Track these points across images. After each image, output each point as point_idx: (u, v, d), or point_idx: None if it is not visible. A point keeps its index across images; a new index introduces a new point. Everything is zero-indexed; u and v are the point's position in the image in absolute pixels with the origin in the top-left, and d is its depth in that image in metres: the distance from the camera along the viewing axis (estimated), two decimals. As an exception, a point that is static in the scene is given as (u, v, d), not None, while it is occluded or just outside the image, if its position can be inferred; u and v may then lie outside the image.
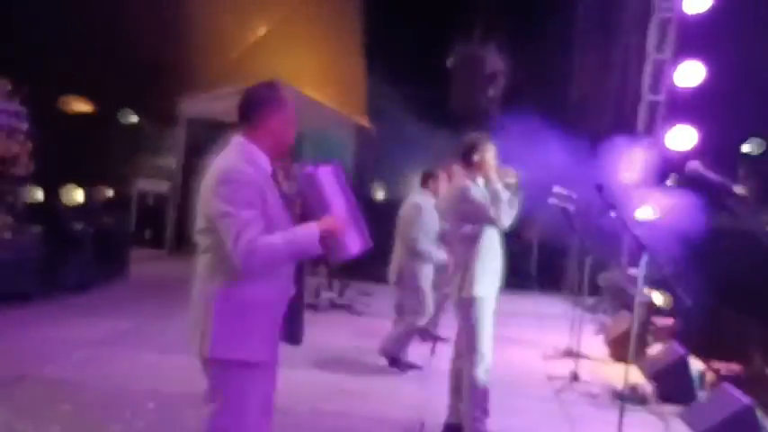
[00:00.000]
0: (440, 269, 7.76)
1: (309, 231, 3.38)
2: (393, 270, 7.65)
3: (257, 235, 3.25)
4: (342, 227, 3.48)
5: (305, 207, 3.55)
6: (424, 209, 7.47)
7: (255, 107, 3.52)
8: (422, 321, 7.54)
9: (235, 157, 3.43)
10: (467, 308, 5.47)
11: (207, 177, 3.44)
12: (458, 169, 5.71)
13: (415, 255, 7.43)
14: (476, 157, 5.52)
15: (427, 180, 7.70)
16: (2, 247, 8.02)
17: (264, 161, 3.48)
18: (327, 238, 3.43)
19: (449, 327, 8.67)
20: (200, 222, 3.49)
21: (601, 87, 14.33)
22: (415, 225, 7.39)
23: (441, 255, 7.45)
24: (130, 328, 8.01)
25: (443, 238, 7.64)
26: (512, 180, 5.64)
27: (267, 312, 3.45)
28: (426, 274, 7.52)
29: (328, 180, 3.55)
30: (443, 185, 7.57)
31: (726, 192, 3.96)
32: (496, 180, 5.47)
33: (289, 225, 3.45)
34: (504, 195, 5.43)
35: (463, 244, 5.50)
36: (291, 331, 3.71)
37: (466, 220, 5.49)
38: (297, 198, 3.61)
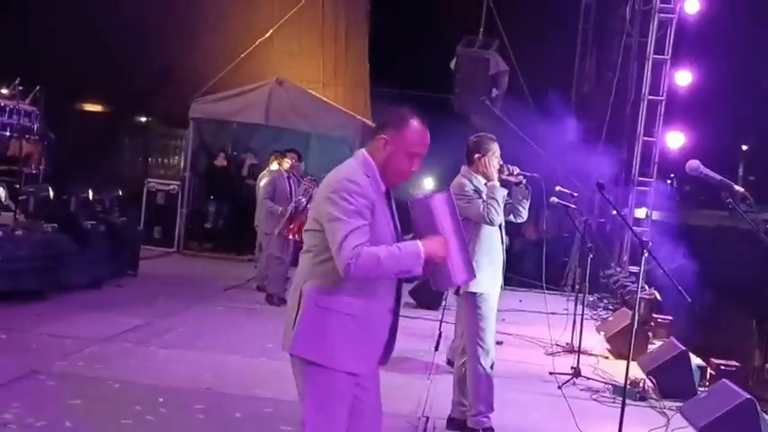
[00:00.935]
0: None
1: (414, 248, 3.38)
2: None
3: (363, 243, 3.29)
4: (447, 251, 3.46)
5: (417, 233, 3.54)
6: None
7: (381, 124, 3.58)
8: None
9: (353, 168, 3.48)
10: (469, 303, 5.59)
11: (324, 182, 3.51)
12: (463, 168, 5.83)
13: None
14: (476, 156, 5.67)
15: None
16: (15, 244, 8.11)
17: (379, 179, 3.50)
18: (432, 261, 3.43)
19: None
20: (309, 223, 3.55)
21: (601, 87, 14.41)
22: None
23: None
24: (141, 325, 8.10)
25: None
26: (518, 178, 5.76)
27: (354, 323, 3.44)
28: None
29: (441, 208, 3.53)
30: None
31: (726, 190, 4.03)
32: (494, 178, 5.60)
33: (392, 243, 3.45)
34: (500, 193, 5.55)
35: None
36: (385, 351, 3.68)
37: (459, 215, 5.59)
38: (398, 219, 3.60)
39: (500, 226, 5.69)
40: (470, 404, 5.65)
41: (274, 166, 10.52)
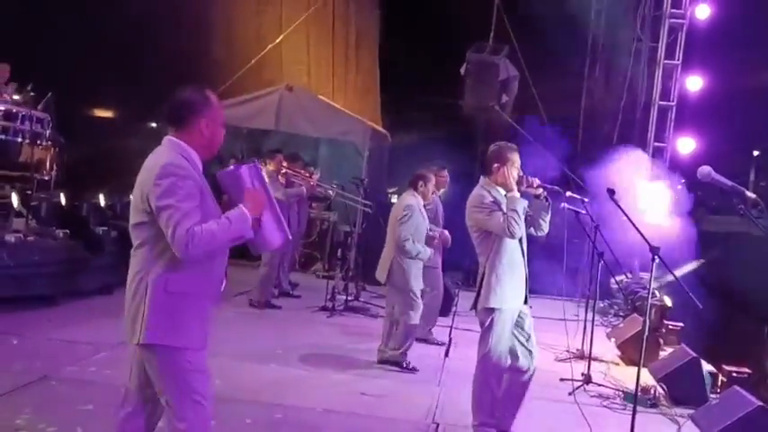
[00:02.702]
0: (428, 269, 8.08)
1: (239, 213, 3.60)
2: (382, 269, 7.77)
3: (196, 224, 3.44)
4: (264, 204, 3.72)
5: (230, 203, 3.74)
6: (414, 210, 7.61)
7: (188, 113, 3.71)
8: (414, 320, 7.65)
9: (171, 154, 3.61)
10: (484, 318, 5.58)
11: (144, 174, 3.60)
12: (481, 179, 5.79)
13: (404, 254, 7.56)
14: (495, 166, 5.61)
15: (417, 182, 7.84)
16: (27, 250, 8.15)
17: (196, 159, 3.68)
18: (255, 223, 3.68)
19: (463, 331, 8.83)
20: (135, 217, 3.64)
21: (612, 93, 14.39)
22: (405, 225, 7.52)
23: (429, 252, 7.67)
24: (151, 331, 8.12)
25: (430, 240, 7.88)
26: (537, 190, 5.71)
27: (200, 299, 3.65)
28: (416, 274, 7.66)
29: (249, 177, 3.78)
30: (431, 189, 7.88)
31: (738, 196, 4.03)
32: (514, 188, 5.54)
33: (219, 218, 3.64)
34: (521, 204, 5.47)
35: (482, 254, 5.59)
36: None
37: (480, 229, 5.58)
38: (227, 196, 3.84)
39: (520, 240, 5.59)
40: (476, 415, 5.66)
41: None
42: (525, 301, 5.69)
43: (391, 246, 7.69)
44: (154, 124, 16.07)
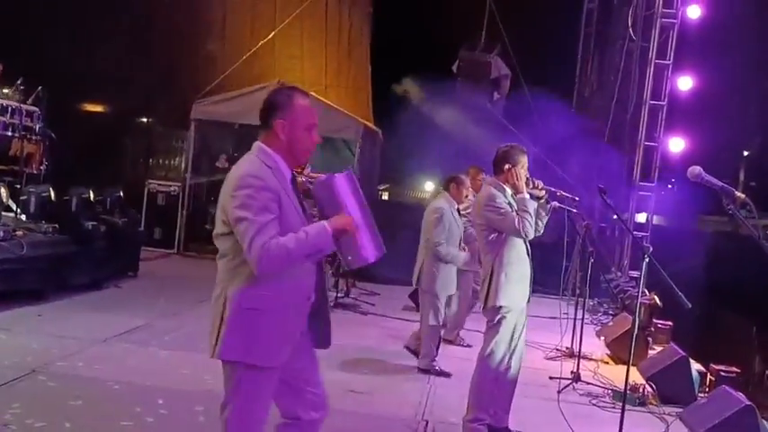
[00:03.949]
0: (462, 271, 8.00)
1: (320, 229, 3.41)
2: (416, 270, 7.76)
3: (271, 238, 3.31)
4: (354, 226, 3.50)
5: (322, 214, 3.57)
6: (446, 213, 7.57)
7: (267, 113, 3.56)
8: (433, 321, 7.64)
9: (253, 163, 3.48)
10: (492, 316, 5.64)
11: (226, 183, 3.50)
12: (488, 178, 5.81)
13: (437, 258, 7.53)
14: (506, 167, 5.64)
15: (449, 184, 7.80)
16: (15, 244, 8.11)
17: (283, 166, 3.53)
18: (342, 240, 3.47)
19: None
20: (218, 227, 3.53)
21: (603, 92, 14.43)
22: (438, 228, 7.48)
23: (463, 257, 7.62)
24: (141, 326, 8.11)
25: (466, 241, 7.83)
26: (540, 192, 5.76)
27: (281, 317, 3.49)
28: (445, 278, 7.60)
29: (343, 187, 3.58)
30: (463, 191, 7.76)
31: (727, 197, 4.03)
32: (524, 190, 5.59)
33: None
34: (531, 205, 5.53)
35: (490, 253, 5.63)
36: (319, 336, 3.73)
37: (491, 229, 5.61)
38: (314, 208, 3.66)
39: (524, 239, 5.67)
40: (471, 409, 5.66)
41: None
42: (527, 300, 5.77)
43: (422, 248, 7.68)
44: (144, 119, 16.04)
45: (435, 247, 7.46)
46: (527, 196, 5.56)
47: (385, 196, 17.34)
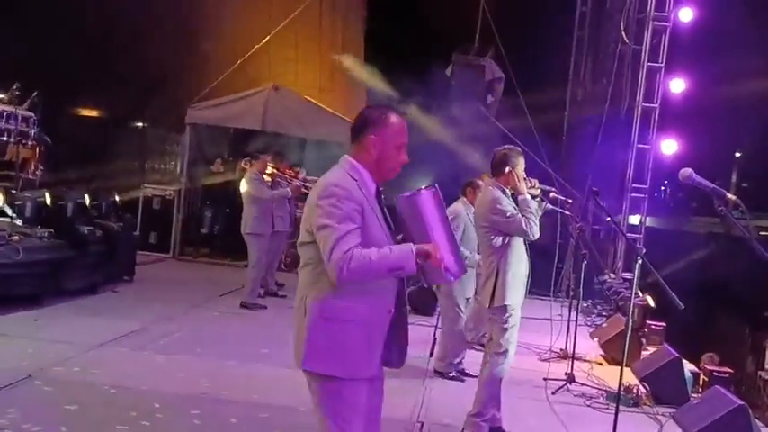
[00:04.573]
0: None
1: (405, 251, 3.38)
2: None
3: (353, 247, 3.30)
4: (439, 252, 3.45)
5: (404, 230, 3.56)
6: (463, 216, 7.62)
7: (360, 127, 3.58)
8: (460, 325, 7.68)
9: (339, 174, 3.51)
10: (500, 315, 5.72)
11: (311, 193, 3.52)
12: (487, 180, 5.87)
13: None
14: (506, 169, 5.71)
15: (466, 189, 7.86)
16: (11, 249, 8.13)
17: (369, 180, 3.54)
18: (422, 258, 3.43)
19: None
20: (302, 236, 3.54)
21: (596, 95, 14.48)
22: (457, 233, 7.51)
23: (477, 259, 7.68)
24: (137, 330, 8.12)
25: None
26: (536, 191, 5.84)
27: (362, 328, 3.46)
28: (463, 282, 7.60)
29: (427, 204, 3.55)
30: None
31: (718, 198, 4.07)
32: (525, 191, 5.68)
33: (387, 244, 3.45)
34: (533, 206, 5.65)
35: (494, 254, 5.71)
36: (393, 353, 3.61)
37: (497, 231, 5.67)
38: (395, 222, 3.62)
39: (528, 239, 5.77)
40: (478, 405, 5.75)
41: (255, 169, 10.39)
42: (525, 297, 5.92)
43: None
44: (139, 124, 16.07)
45: None
46: (528, 197, 5.68)
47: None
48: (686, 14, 11.93)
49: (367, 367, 3.50)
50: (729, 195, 4.12)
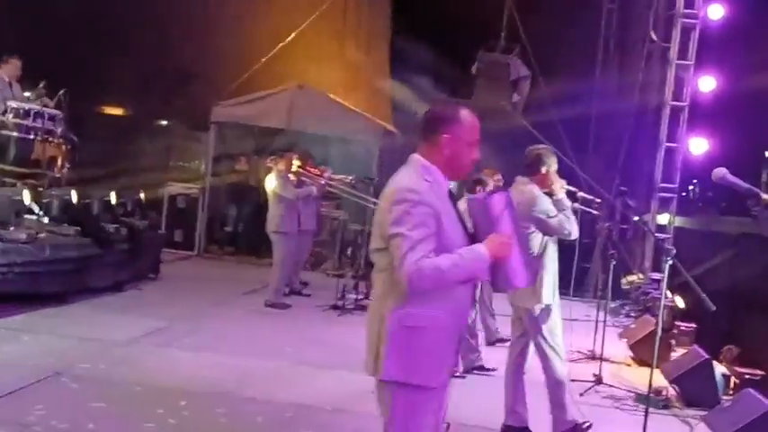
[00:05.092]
0: None
1: (478, 255, 3.32)
2: None
3: (425, 256, 3.22)
4: (509, 249, 3.40)
5: (477, 233, 3.47)
6: None
7: (432, 125, 3.49)
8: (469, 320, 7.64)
9: (411, 176, 3.41)
10: (544, 316, 5.71)
11: (383, 196, 3.45)
12: (521, 179, 5.82)
13: None
14: (543, 169, 5.67)
15: (475, 187, 7.80)
16: (38, 247, 8.17)
17: (441, 180, 3.45)
18: (495, 264, 3.38)
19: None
20: (375, 242, 3.46)
21: (623, 93, 14.35)
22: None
23: None
24: (162, 328, 8.14)
25: None
26: (561, 192, 5.81)
27: (440, 336, 3.38)
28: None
29: (500, 208, 3.47)
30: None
31: (752, 198, 4.01)
32: (561, 192, 5.67)
33: (464, 245, 3.37)
34: (569, 205, 5.66)
35: (535, 254, 5.67)
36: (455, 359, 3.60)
37: (537, 230, 5.65)
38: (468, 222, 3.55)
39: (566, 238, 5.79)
40: (561, 402, 5.78)
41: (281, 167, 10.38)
42: None
43: None
44: (164, 122, 16.12)
45: None
46: (562, 197, 5.67)
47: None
48: (716, 11, 11.78)
49: (441, 375, 3.42)
50: (764, 195, 4.04)
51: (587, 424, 5.88)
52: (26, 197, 8.78)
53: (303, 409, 6.02)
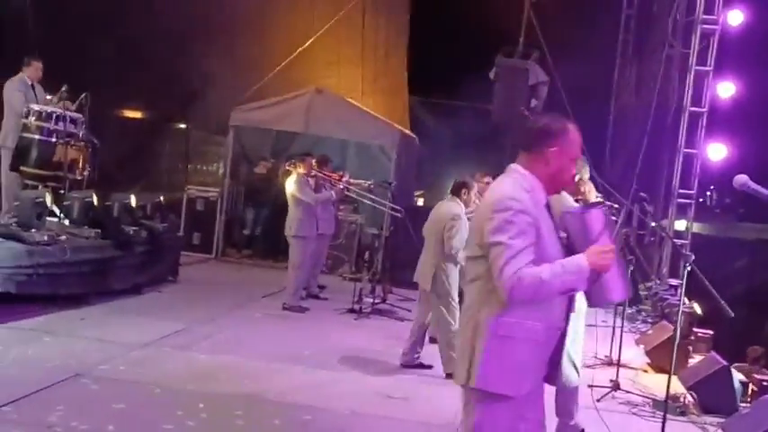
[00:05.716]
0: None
1: (579, 265, 3.28)
2: (425, 276, 7.69)
3: (525, 265, 3.21)
4: (610, 264, 3.33)
5: (572, 247, 3.46)
6: (462, 218, 7.59)
7: (540, 138, 3.48)
8: (455, 326, 7.65)
9: (513, 185, 3.40)
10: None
11: (482, 204, 3.47)
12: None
13: (452, 263, 7.56)
14: (576, 177, 5.68)
15: (460, 190, 7.82)
16: (59, 249, 8.24)
17: (540, 192, 3.44)
18: (593, 277, 3.33)
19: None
20: (471, 250, 3.47)
21: (642, 99, 14.31)
22: (458, 236, 7.46)
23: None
24: (181, 330, 8.19)
25: None
26: (593, 199, 5.84)
27: (536, 346, 3.38)
28: (455, 280, 7.65)
29: (597, 222, 3.47)
30: (473, 196, 7.82)
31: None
32: (593, 200, 5.74)
33: (560, 257, 3.36)
34: None
35: None
36: (551, 369, 3.55)
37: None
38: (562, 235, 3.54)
39: None
40: (566, 405, 5.83)
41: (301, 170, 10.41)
42: None
43: (434, 252, 7.63)
44: (183, 125, 16.21)
45: (455, 254, 7.48)
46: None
47: (420, 202, 17.36)
48: (736, 17, 11.73)
49: (531, 385, 3.42)
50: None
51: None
52: (48, 199, 8.86)
53: (320, 413, 6.05)
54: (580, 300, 5.71)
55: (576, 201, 5.72)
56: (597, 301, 3.61)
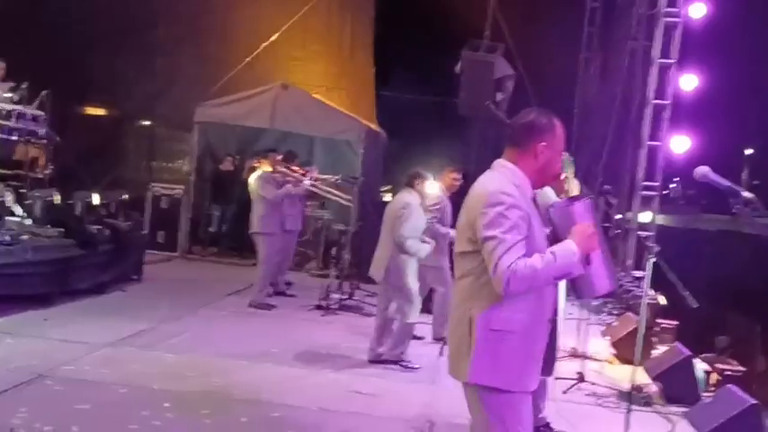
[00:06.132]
0: (431, 269, 8.34)
1: (566, 247, 3.30)
2: (377, 267, 7.75)
3: (518, 259, 3.21)
4: (596, 244, 3.38)
5: (556, 239, 3.45)
6: (413, 208, 7.63)
7: (528, 133, 3.49)
8: (412, 318, 7.68)
9: (501, 180, 3.41)
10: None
11: (471, 200, 3.44)
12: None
13: (403, 252, 7.58)
14: (563, 176, 5.71)
15: (413, 180, 7.86)
16: (21, 249, 8.14)
17: (528, 186, 3.46)
18: (583, 259, 3.35)
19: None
20: (461, 246, 3.46)
21: (606, 91, 14.41)
22: (406, 223, 7.53)
23: (427, 248, 7.70)
24: (146, 329, 8.12)
25: (432, 237, 8.07)
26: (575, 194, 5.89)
27: (529, 339, 3.38)
28: (412, 272, 7.68)
29: (583, 214, 3.49)
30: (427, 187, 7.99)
31: (734, 196, 4.04)
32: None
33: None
34: None
35: None
36: (546, 360, 3.55)
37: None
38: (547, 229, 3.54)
39: None
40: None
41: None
42: None
43: (387, 243, 7.69)
44: (147, 122, 16.06)
45: (402, 241, 7.51)
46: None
47: (387, 197, 17.36)
48: (698, 10, 11.85)
49: (531, 380, 3.43)
50: (745, 193, 4.08)
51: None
52: (9, 198, 8.74)
53: (288, 410, 6.03)
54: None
55: (559, 197, 5.75)
56: (585, 292, 3.62)
